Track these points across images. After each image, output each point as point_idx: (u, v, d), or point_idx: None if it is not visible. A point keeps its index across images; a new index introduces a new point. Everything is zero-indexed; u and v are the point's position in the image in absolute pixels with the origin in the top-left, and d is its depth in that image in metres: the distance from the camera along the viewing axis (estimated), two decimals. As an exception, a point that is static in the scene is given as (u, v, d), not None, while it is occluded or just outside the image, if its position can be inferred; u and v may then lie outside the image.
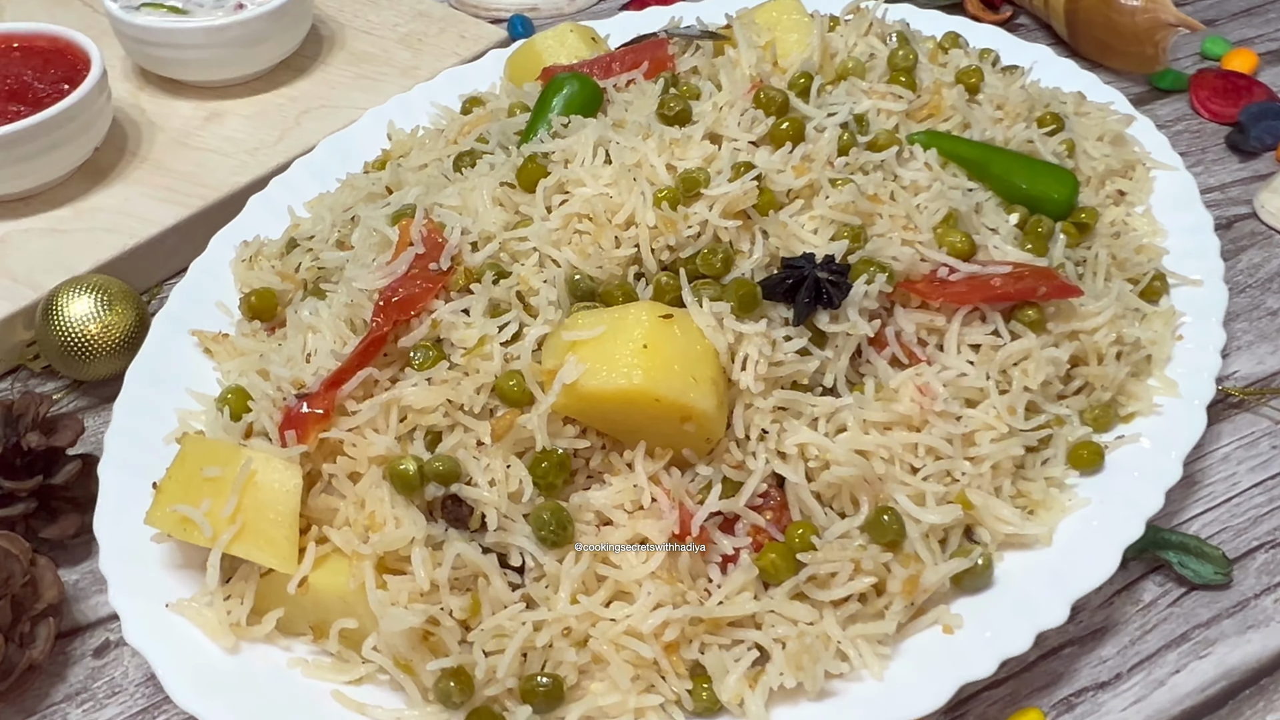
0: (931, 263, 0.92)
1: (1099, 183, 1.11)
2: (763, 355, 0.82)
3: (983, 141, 1.03)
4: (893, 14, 1.24)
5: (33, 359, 1.03)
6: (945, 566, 0.80)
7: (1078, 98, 1.19)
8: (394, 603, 0.76)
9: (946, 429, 0.85)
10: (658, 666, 0.76)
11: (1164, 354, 0.97)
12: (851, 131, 0.97)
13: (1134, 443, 0.91)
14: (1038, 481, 0.87)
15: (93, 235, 1.10)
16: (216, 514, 0.77)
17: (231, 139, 1.22)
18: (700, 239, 0.88)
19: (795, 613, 0.77)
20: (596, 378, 0.78)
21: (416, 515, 0.79)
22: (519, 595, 0.78)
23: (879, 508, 0.81)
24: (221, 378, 0.96)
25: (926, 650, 0.78)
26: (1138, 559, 0.91)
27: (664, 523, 0.79)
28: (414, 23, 1.40)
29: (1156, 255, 1.05)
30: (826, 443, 0.82)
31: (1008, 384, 0.89)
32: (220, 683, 0.76)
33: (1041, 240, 0.99)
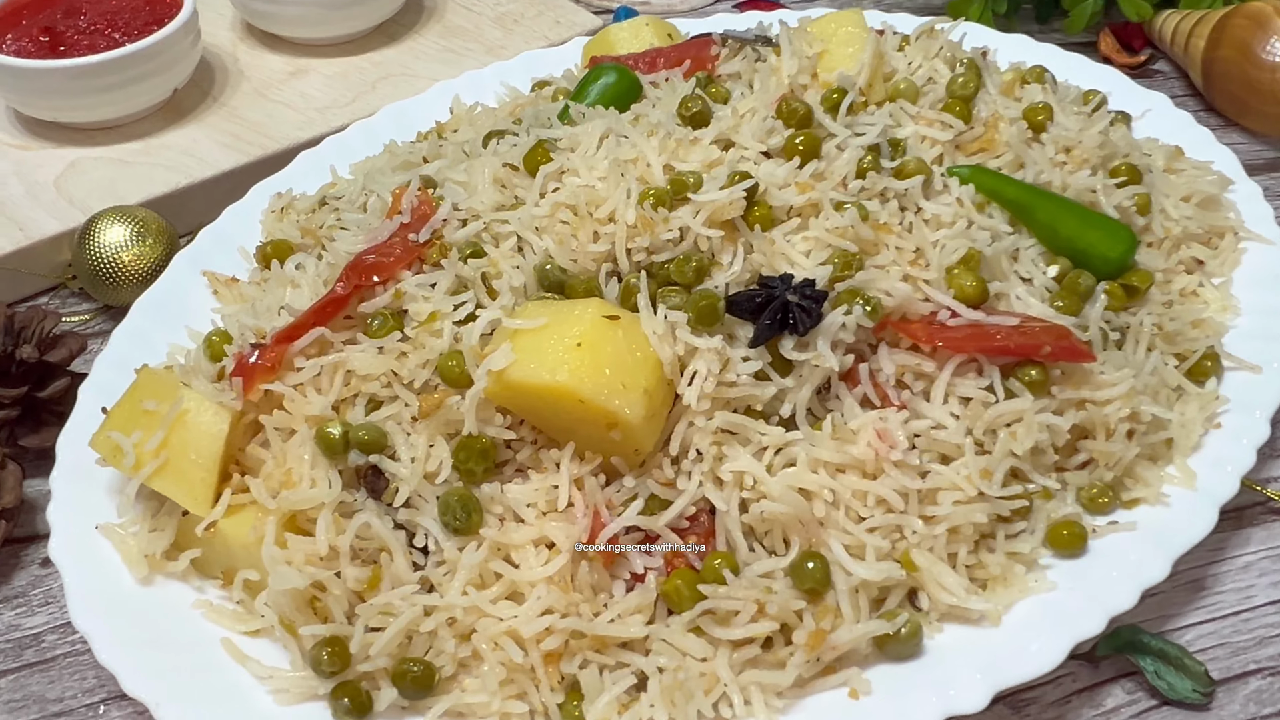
0: (934, 304, 0.85)
1: (1173, 246, 1.01)
2: (712, 373, 0.78)
3: (1035, 185, 0.96)
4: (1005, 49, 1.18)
5: (70, 279, 1.08)
6: (862, 626, 0.74)
7: (1173, 153, 1.09)
8: (288, 561, 0.75)
9: (903, 481, 0.78)
10: (533, 674, 0.73)
11: (1190, 441, 0.87)
12: (876, 155, 0.91)
13: (1127, 531, 0.83)
14: (998, 554, 0.79)
15: (152, 170, 1.15)
16: (143, 446, 0.79)
17: (306, 95, 1.26)
18: (681, 245, 0.84)
19: (687, 645, 0.73)
20: (523, 369, 0.76)
21: (334, 479, 0.79)
22: (419, 577, 0.77)
23: (806, 552, 0.76)
24: (220, 319, 0.98)
25: (826, 712, 0.73)
26: (1111, 659, 0.82)
27: (573, 529, 0.76)
28: (514, 3, 1.41)
29: (1216, 332, 0.95)
30: (763, 474, 0.77)
31: (991, 445, 0.82)
32: (117, 609, 0.77)
33: (1076, 298, 0.90)
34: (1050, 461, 0.85)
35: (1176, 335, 0.94)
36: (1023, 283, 0.91)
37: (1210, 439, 0.88)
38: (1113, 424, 0.85)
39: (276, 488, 0.78)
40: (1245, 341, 0.95)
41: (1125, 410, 0.85)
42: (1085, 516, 0.84)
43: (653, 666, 0.72)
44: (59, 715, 0.80)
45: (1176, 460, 0.87)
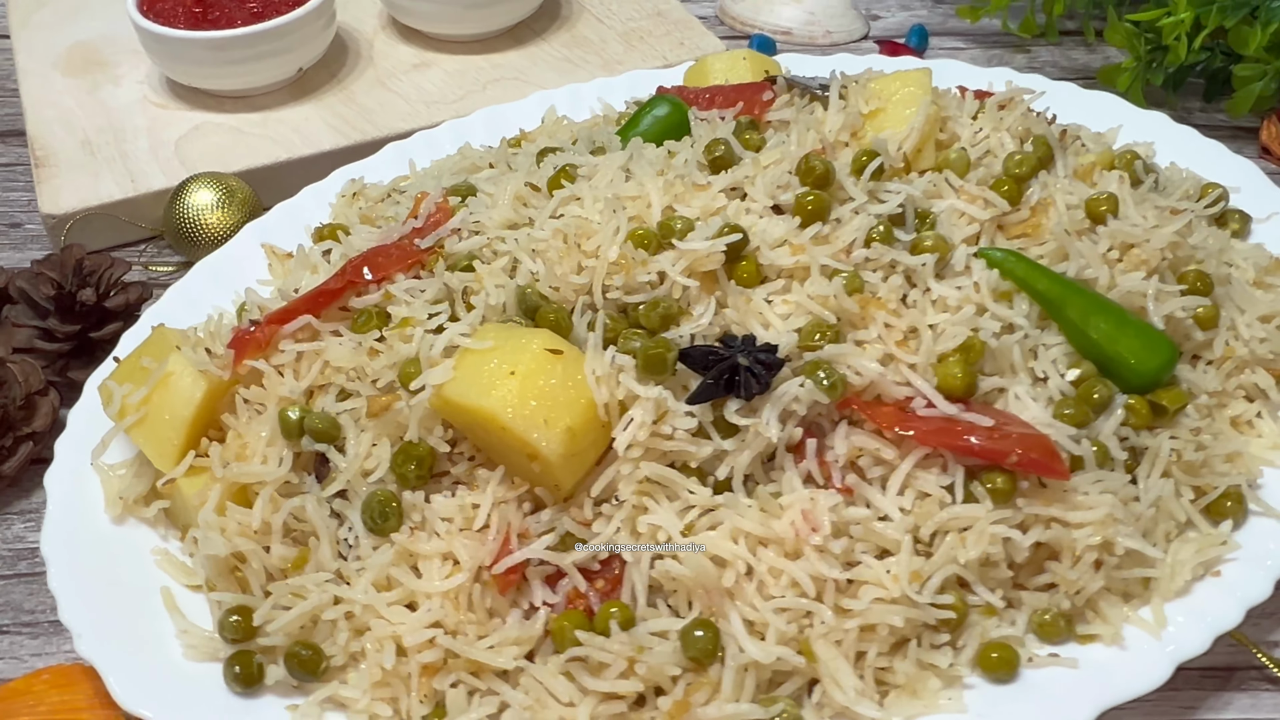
0: (913, 389, 0.81)
1: (1236, 368, 0.92)
2: (645, 422, 0.78)
3: (1075, 280, 0.89)
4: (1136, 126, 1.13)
5: (161, 233, 1.18)
6: (733, 707, 0.72)
7: (1272, 265, 0.99)
8: (223, 529, 0.80)
9: (819, 567, 0.75)
10: (407, 682, 0.75)
11: (1175, 584, 0.80)
12: (890, 226, 0.87)
13: (1067, 667, 0.77)
14: (909, 662, 0.75)
15: (260, 142, 1.24)
16: (129, 398, 0.86)
17: (420, 88, 1.31)
18: (659, 289, 0.84)
19: (555, 687, 0.73)
20: (457, 387, 0.78)
21: (286, 460, 0.83)
22: (338, 567, 0.80)
23: (700, 620, 0.75)
24: (264, 291, 1.05)
25: (677, 785, 0.72)
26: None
27: (480, 550, 0.77)
28: (645, 20, 1.42)
29: (1252, 472, 0.86)
30: (676, 533, 0.76)
31: (937, 547, 0.78)
32: (81, 542, 0.84)
33: (1087, 407, 0.84)
34: (1004, 577, 0.79)
35: (1201, 466, 0.86)
36: (1036, 383, 0.86)
37: (1202, 587, 0.80)
38: (1079, 550, 0.79)
39: (230, 458, 0.83)
40: (1282, 490, 0.86)
41: (1096, 538, 0.78)
42: (1032, 641, 0.79)
43: (515, 699, 0.73)
44: (26, 625, 0.88)
45: (1153, 602, 0.79)
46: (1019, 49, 1.48)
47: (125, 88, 1.31)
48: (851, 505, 0.79)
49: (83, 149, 1.22)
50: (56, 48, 1.37)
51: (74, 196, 1.17)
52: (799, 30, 1.49)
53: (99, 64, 1.35)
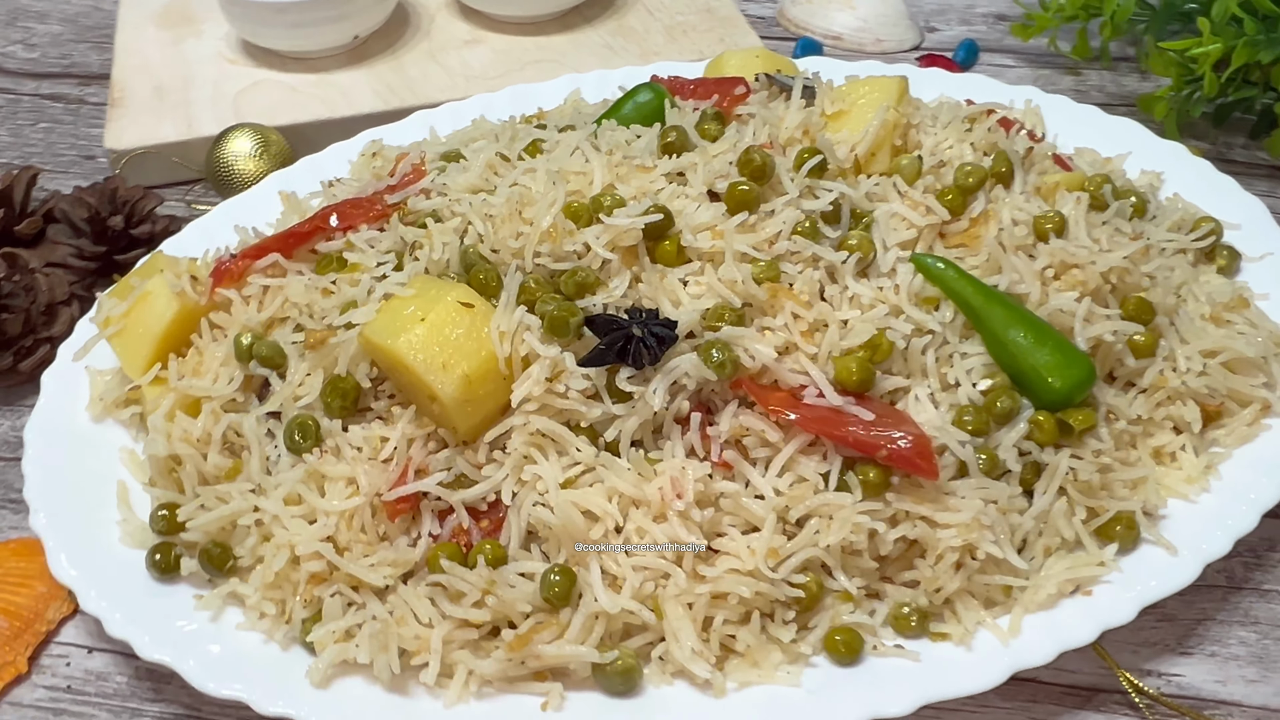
0: (809, 379, 0.84)
1: (1168, 399, 0.92)
2: (540, 379, 0.83)
3: (1003, 293, 0.90)
4: (1148, 155, 1.15)
5: (205, 176, 1.29)
6: (572, 648, 0.77)
7: (1235, 301, 0.98)
8: (167, 434, 0.90)
9: (680, 533, 0.80)
10: (295, 588, 0.82)
11: (1037, 597, 0.81)
12: (815, 222, 0.90)
13: (909, 660, 0.79)
14: (752, 631, 0.79)
15: (308, 100, 1.34)
16: (114, 310, 0.96)
17: (465, 64, 1.39)
18: (584, 260, 0.89)
19: (417, 607, 0.79)
20: (374, 327, 0.85)
21: (236, 379, 0.92)
22: (261, 480, 0.88)
23: (560, 566, 0.80)
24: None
25: (513, 711, 0.77)
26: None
27: (379, 479, 0.84)
28: (693, 15, 1.47)
29: (1151, 501, 0.86)
30: (554, 485, 0.81)
31: (798, 530, 0.81)
32: (60, 434, 0.94)
33: (987, 417, 0.86)
34: (868, 567, 0.82)
35: (1100, 489, 0.86)
36: (947, 389, 0.88)
37: (1069, 604, 0.82)
38: (941, 549, 0.80)
39: (187, 372, 0.93)
40: (1186, 523, 0.86)
41: (958, 540, 0.80)
42: (888, 633, 0.81)
43: (379, 612, 0.80)
44: (11, 501, 0.99)
45: (1013, 611, 0.81)
46: (1070, 71, 1.47)
47: (205, 43, 1.43)
48: (728, 480, 0.83)
49: (154, 94, 1.35)
50: (158, 3, 1.51)
51: (135, 135, 1.29)
52: (849, 36, 1.51)
53: (189, 20, 1.48)
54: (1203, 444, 0.92)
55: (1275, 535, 0.93)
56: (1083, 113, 1.24)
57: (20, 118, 1.42)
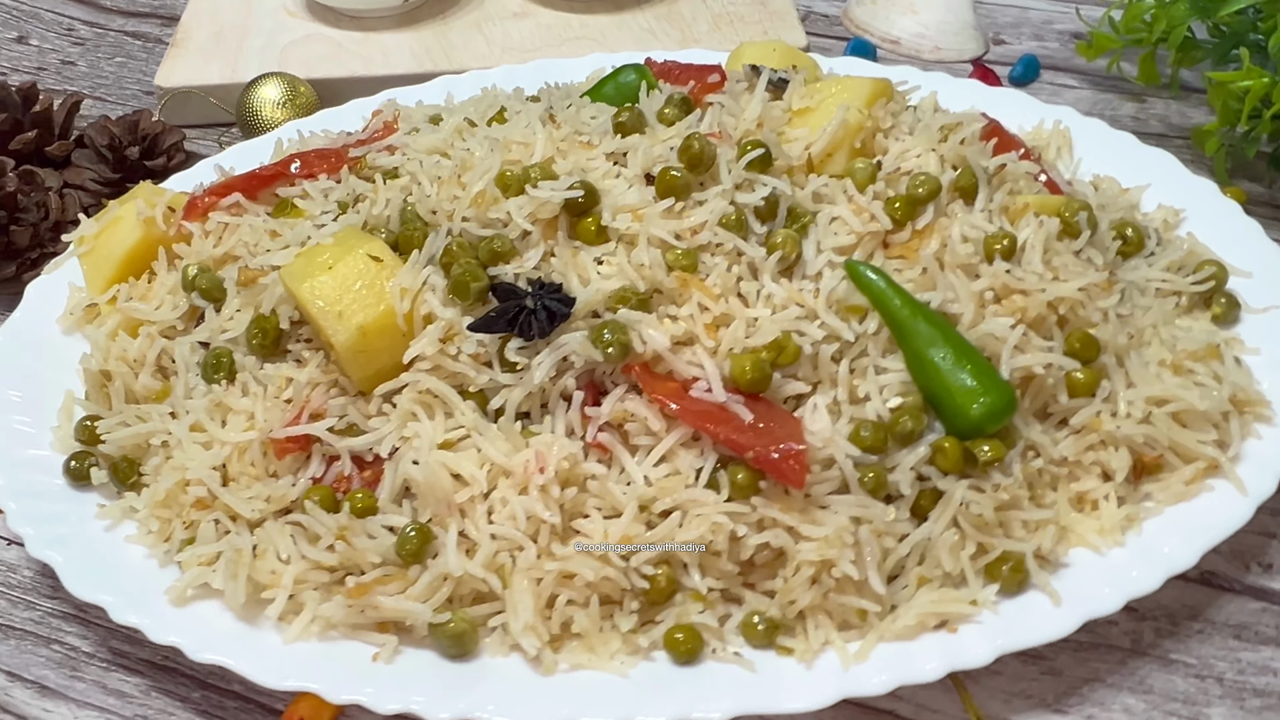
0: (701, 372, 0.83)
1: (1101, 444, 0.86)
2: (435, 339, 0.84)
3: (934, 310, 0.86)
4: (1170, 191, 1.09)
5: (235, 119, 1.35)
6: (409, 603, 0.78)
7: (1205, 350, 0.91)
8: (105, 350, 0.94)
9: (537, 508, 0.79)
10: (180, 511, 0.86)
11: (894, 627, 0.78)
12: (742, 215, 0.88)
13: (744, 669, 0.77)
14: (590, 616, 0.78)
15: (350, 57, 1.38)
16: (88, 230, 1.01)
17: (507, 35, 1.41)
18: (506, 229, 0.89)
19: (279, 543, 0.81)
20: (288, 270, 0.87)
21: (180, 307, 0.96)
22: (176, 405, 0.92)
23: (419, 524, 0.81)
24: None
25: (346, 654, 0.78)
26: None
27: (274, 417, 0.87)
28: (745, 5, 1.44)
29: (1049, 547, 0.81)
30: (425, 445, 0.82)
31: (661, 522, 0.80)
32: (27, 337, 0.99)
33: (884, 435, 0.82)
34: (728, 570, 0.80)
35: (996, 525, 0.82)
36: (855, 402, 0.85)
37: (929, 637, 0.78)
38: (799, 563, 0.78)
39: (136, 296, 0.97)
40: (1084, 574, 0.81)
41: (816, 555, 0.77)
42: (737, 638, 0.79)
43: (244, 543, 0.82)
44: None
45: (867, 636, 0.78)
46: (1135, 98, 1.38)
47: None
48: (603, 463, 0.82)
49: (212, 38, 1.42)
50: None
51: (182, 75, 1.35)
52: (907, 42, 1.46)
53: (268, -28, 1.54)
54: (1134, 496, 0.86)
55: (1200, 603, 0.86)
56: (1116, 139, 1.17)
57: (101, 51, 1.52)
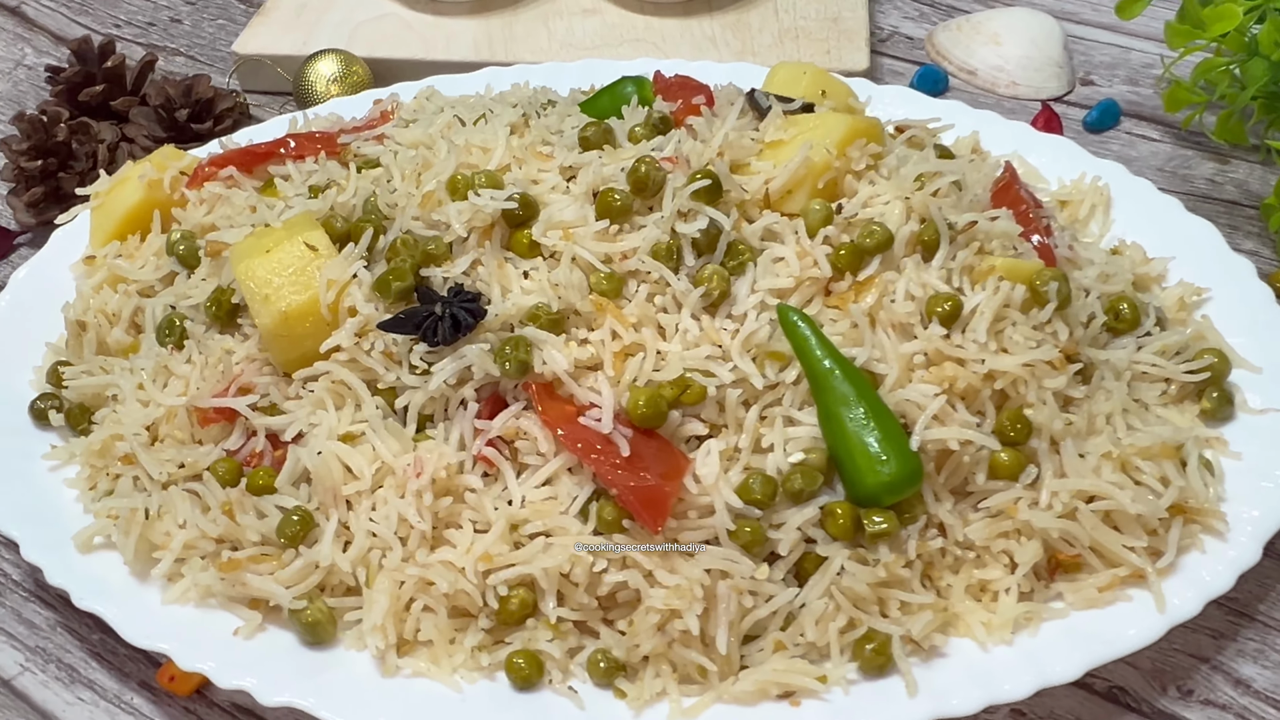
0: (595, 400, 0.82)
1: (1014, 533, 0.81)
2: (351, 333, 0.86)
3: (857, 367, 0.83)
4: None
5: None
6: (276, 587, 0.81)
7: (1162, 449, 0.84)
8: (86, 302, 1.00)
9: (407, 512, 0.80)
10: (110, 463, 0.90)
11: (733, 689, 0.76)
12: (675, 245, 0.86)
13: (573, 703, 0.76)
14: (442, 627, 0.79)
15: (414, 40, 1.41)
16: (101, 187, 1.08)
17: (570, 31, 1.41)
18: (448, 232, 0.90)
19: (178, 506, 0.85)
20: (235, 249, 0.91)
21: (162, 269, 1.01)
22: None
23: (302, 510, 0.83)
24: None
25: (221, 623, 0.81)
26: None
27: (205, 387, 0.90)
28: (816, 22, 1.40)
29: (924, 633, 0.77)
30: (324, 434, 0.84)
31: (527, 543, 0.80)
32: (43, 276, 1.05)
33: (772, 491, 0.80)
34: (586, 603, 0.79)
35: (870, 601, 0.78)
36: (758, 451, 0.82)
37: (769, 707, 0.75)
38: (647, 608, 0.76)
39: (125, 254, 1.03)
40: (958, 667, 0.77)
41: (662, 604, 0.76)
42: (581, 672, 0.78)
43: (150, 503, 0.86)
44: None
45: (704, 696, 0.76)
46: (1216, 157, 1.27)
47: (365, -28, 1.55)
48: (488, 475, 0.83)
49: (295, 9, 1.47)
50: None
51: (257, 44, 1.42)
52: (984, 74, 1.39)
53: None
54: (1043, 594, 0.81)
55: (1094, 716, 0.80)
56: (1159, 204, 1.10)
57: (207, 13, 1.60)
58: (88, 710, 0.84)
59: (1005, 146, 1.17)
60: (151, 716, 0.83)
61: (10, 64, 1.49)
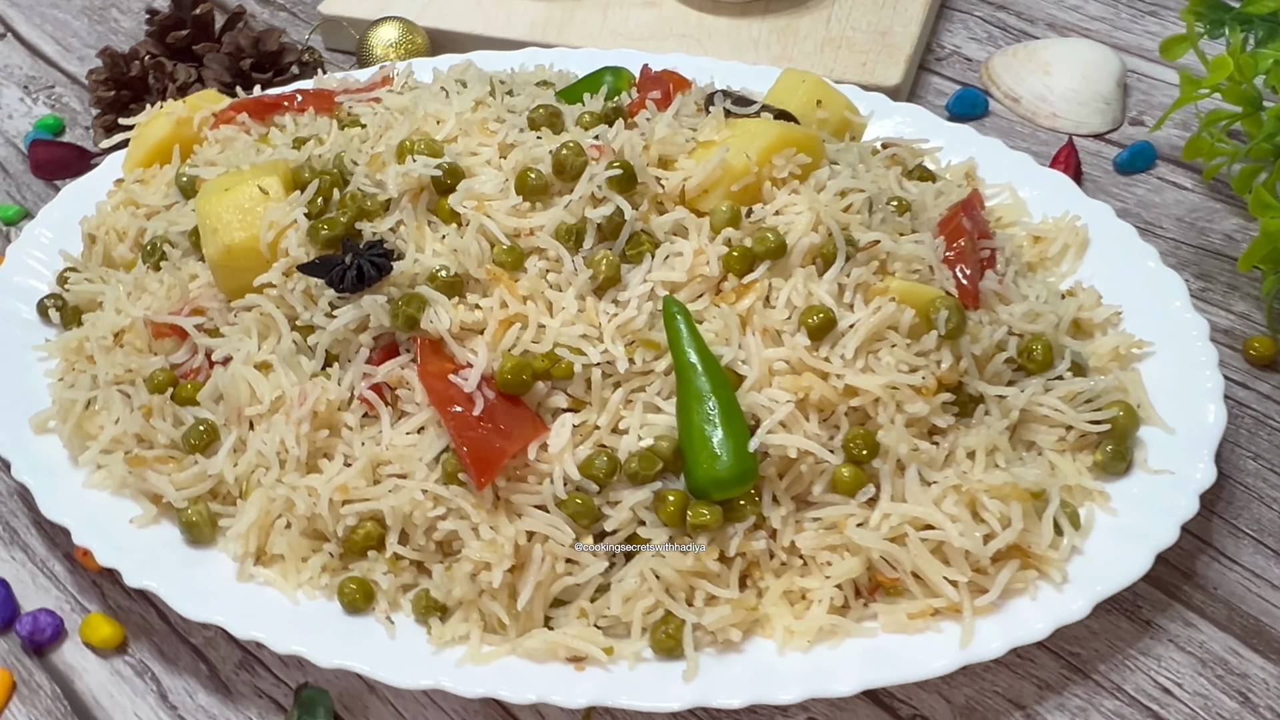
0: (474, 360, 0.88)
1: (843, 548, 0.82)
2: (278, 272, 0.94)
3: (723, 365, 0.85)
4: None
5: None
6: (160, 484, 0.90)
7: (1011, 490, 0.83)
8: (102, 220, 1.13)
9: (287, 435, 0.88)
10: (78, 361, 1.02)
11: (525, 646, 0.80)
12: (581, 227, 0.90)
13: (385, 630, 0.82)
14: (292, 544, 0.86)
15: (478, 13, 1.48)
16: (143, 119, 1.20)
17: (625, 21, 1.45)
18: (385, 193, 0.97)
19: (112, 404, 0.95)
20: (204, 186, 1.00)
21: (169, 199, 1.12)
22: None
23: (209, 422, 0.92)
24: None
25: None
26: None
27: (166, 303, 1.01)
28: (863, 34, 1.40)
29: (716, 628, 0.80)
30: (241, 359, 0.93)
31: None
32: (83, 193, 1.20)
33: (612, 470, 0.84)
34: (425, 545, 0.85)
35: (674, 587, 0.82)
36: (616, 432, 0.86)
37: (556, 668, 0.80)
38: (464, 557, 0.82)
39: (143, 180, 1.15)
40: (739, 667, 0.79)
41: (478, 555, 0.81)
42: (407, 606, 0.85)
43: (98, 399, 0.97)
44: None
45: (499, 646, 0.81)
46: (1243, 212, 1.21)
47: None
48: (369, 416, 0.90)
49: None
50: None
51: (342, 6, 1.52)
52: (1026, 103, 1.36)
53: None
54: (861, 612, 0.82)
55: (885, 740, 0.81)
56: (1135, 252, 1.07)
57: (315, -27, 1.73)
58: (15, 569, 0.96)
59: (1002, 176, 1.16)
60: (64, 583, 0.94)
61: (140, 3, 1.66)
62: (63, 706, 0.87)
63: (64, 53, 1.55)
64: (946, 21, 1.52)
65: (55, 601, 0.93)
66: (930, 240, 0.95)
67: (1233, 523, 0.93)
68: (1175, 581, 0.89)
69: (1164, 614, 0.86)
